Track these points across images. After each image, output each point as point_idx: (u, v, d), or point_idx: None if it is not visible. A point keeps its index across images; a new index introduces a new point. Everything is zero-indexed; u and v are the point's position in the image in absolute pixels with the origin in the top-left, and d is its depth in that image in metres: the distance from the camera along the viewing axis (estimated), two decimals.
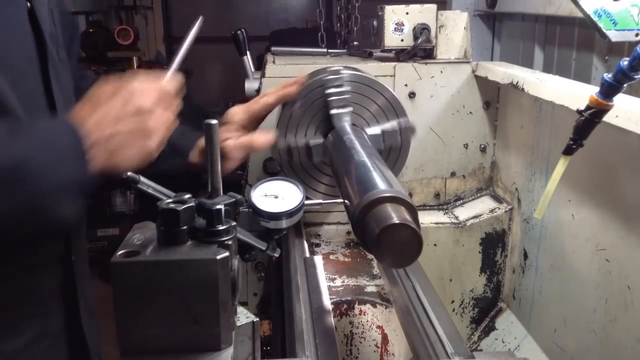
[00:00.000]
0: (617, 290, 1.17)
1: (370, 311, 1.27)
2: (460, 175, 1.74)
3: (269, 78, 1.59)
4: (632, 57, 0.83)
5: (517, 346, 1.58)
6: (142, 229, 0.78)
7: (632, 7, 0.91)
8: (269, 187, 1.30)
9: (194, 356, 0.72)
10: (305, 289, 1.20)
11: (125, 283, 0.70)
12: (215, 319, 0.72)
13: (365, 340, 1.27)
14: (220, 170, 0.80)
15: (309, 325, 1.06)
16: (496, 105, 1.69)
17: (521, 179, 1.60)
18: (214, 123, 0.77)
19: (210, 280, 0.70)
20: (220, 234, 0.74)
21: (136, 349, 0.72)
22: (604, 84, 0.88)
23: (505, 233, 1.69)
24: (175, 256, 0.71)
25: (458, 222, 1.67)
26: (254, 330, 0.91)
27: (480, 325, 1.76)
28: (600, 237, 1.23)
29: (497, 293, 1.75)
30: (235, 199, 0.83)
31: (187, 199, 0.75)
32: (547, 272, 1.48)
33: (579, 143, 0.94)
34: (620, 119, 1.01)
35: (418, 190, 1.74)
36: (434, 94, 1.65)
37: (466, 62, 1.66)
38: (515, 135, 1.62)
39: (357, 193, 0.97)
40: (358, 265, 1.49)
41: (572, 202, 1.33)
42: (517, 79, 1.43)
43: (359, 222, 0.90)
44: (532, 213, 1.55)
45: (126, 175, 0.90)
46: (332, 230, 1.69)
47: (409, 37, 1.62)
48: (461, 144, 1.71)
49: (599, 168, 1.22)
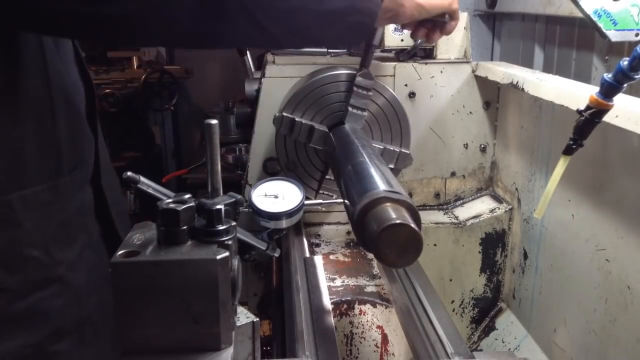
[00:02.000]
0: (617, 290, 1.17)
1: (370, 311, 1.27)
2: (460, 175, 1.74)
3: (269, 78, 1.59)
4: (632, 57, 0.83)
5: (517, 346, 1.58)
6: (142, 229, 0.78)
7: (632, 7, 0.91)
8: (269, 187, 1.31)
9: (194, 356, 0.72)
10: (305, 289, 1.20)
11: (125, 283, 0.70)
12: (215, 319, 0.72)
13: (365, 340, 1.27)
14: (219, 170, 0.80)
15: (309, 325, 1.06)
16: (496, 105, 1.69)
17: (521, 179, 1.60)
18: (214, 123, 0.77)
19: (210, 280, 0.70)
20: (220, 234, 0.74)
21: (136, 349, 0.72)
22: (604, 84, 0.88)
23: (505, 233, 1.69)
24: (175, 256, 0.71)
25: (458, 222, 1.67)
26: (254, 330, 0.91)
27: (480, 325, 1.76)
28: (600, 237, 1.23)
29: (497, 293, 1.75)
30: (235, 199, 0.83)
31: (187, 199, 0.75)
32: (547, 272, 1.48)
33: (579, 143, 0.94)
34: (620, 119, 1.01)
35: (418, 190, 1.74)
36: (434, 94, 1.65)
37: (466, 62, 1.66)
38: (515, 135, 1.62)
39: (357, 193, 0.97)
40: (358, 265, 1.50)
41: (572, 202, 1.33)
42: (517, 78, 1.43)
43: (359, 222, 0.90)
44: (532, 213, 1.55)
45: (126, 175, 0.90)
46: (332, 230, 1.69)
47: (409, 37, 1.62)
48: (461, 144, 1.71)
49: (599, 168, 1.22)
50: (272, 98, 1.56)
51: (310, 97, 1.41)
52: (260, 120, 1.60)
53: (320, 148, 1.42)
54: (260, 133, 1.61)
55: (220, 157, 0.79)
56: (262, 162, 1.64)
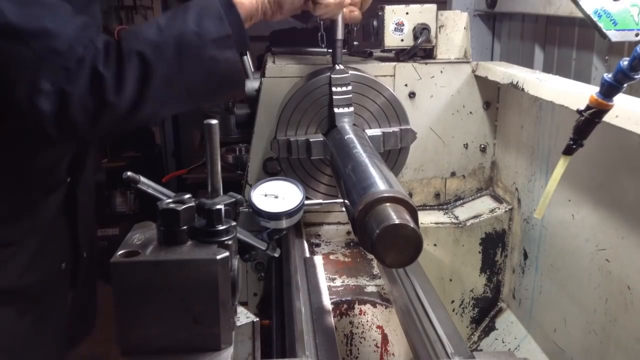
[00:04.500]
0: (617, 290, 1.17)
1: (370, 311, 1.27)
2: (460, 175, 1.74)
3: (269, 78, 1.59)
4: (632, 57, 0.82)
5: (517, 346, 1.58)
6: (142, 229, 0.78)
7: (632, 7, 0.91)
8: (269, 187, 1.31)
9: (194, 356, 0.72)
10: (305, 289, 1.20)
11: (125, 283, 0.70)
12: (215, 319, 0.72)
13: (365, 340, 1.27)
14: (219, 170, 0.80)
15: (309, 325, 1.06)
16: (496, 105, 1.69)
17: (521, 179, 1.60)
18: (214, 123, 0.77)
19: (210, 280, 0.70)
20: (220, 234, 0.74)
21: (136, 349, 0.72)
22: (604, 84, 0.88)
23: (505, 233, 1.69)
24: (175, 256, 0.71)
25: (458, 222, 1.67)
26: (254, 330, 0.91)
27: (480, 325, 1.76)
28: (600, 237, 1.23)
29: (497, 293, 1.75)
30: (235, 199, 0.83)
31: (187, 199, 0.75)
32: (547, 272, 1.48)
33: (579, 143, 0.94)
34: (620, 119, 1.01)
35: (418, 190, 1.74)
36: (434, 94, 1.65)
37: (466, 62, 1.66)
38: (515, 135, 1.62)
39: (357, 193, 0.97)
40: (358, 265, 1.49)
41: (572, 202, 1.33)
42: (517, 78, 1.43)
43: (359, 222, 0.90)
44: (532, 213, 1.54)
45: (126, 175, 0.90)
46: (332, 230, 1.69)
47: (409, 37, 1.62)
48: (461, 144, 1.71)
49: (599, 168, 1.22)
50: (272, 98, 1.56)
51: (298, 111, 1.43)
52: (260, 120, 1.60)
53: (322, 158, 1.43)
54: (260, 133, 1.61)
55: (220, 157, 0.79)
56: (262, 162, 1.64)
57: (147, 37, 1.03)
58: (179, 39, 1.04)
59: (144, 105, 1.02)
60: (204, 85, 1.10)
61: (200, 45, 1.05)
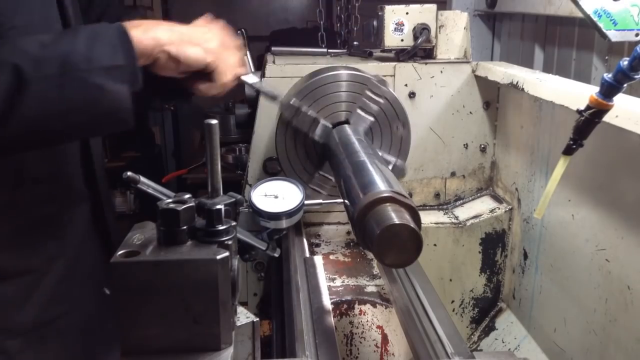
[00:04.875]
0: (617, 290, 1.17)
1: (370, 311, 1.27)
2: (460, 175, 1.74)
3: (269, 78, 1.59)
4: (632, 57, 0.82)
5: (517, 346, 1.58)
6: (142, 229, 0.78)
7: (632, 7, 0.91)
8: (269, 187, 1.31)
9: (194, 356, 0.72)
10: (305, 289, 1.20)
11: (125, 283, 0.70)
12: (215, 319, 0.72)
13: (365, 340, 1.27)
14: (219, 170, 0.80)
15: (309, 325, 1.06)
16: (496, 105, 1.69)
17: (521, 179, 1.60)
18: (214, 123, 0.77)
19: (210, 280, 0.70)
20: (220, 234, 0.74)
21: (136, 349, 0.72)
22: (604, 84, 0.88)
23: (505, 233, 1.69)
24: (175, 256, 0.71)
25: (458, 222, 1.67)
26: (254, 330, 0.91)
27: (480, 325, 1.76)
28: (600, 237, 1.23)
29: (497, 293, 1.75)
30: (235, 199, 0.83)
31: (187, 199, 0.75)
32: (547, 272, 1.48)
33: (579, 143, 0.94)
34: (620, 119, 1.01)
35: (418, 190, 1.74)
36: (434, 94, 1.65)
37: (466, 62, 1.66)
38: (515, 135, 1.62)
39: (357, 193, 0.97)
40: (358, 265, 1.49)
41: (572, 202, 1.33)
42: (517, 78, 1.43)
43: (359, 222, 0.90)
44: (532, 213, 1.55)
45: (126, 175, 0.90)
46: (332, 230, 1.69)
47: (409, 37, 1.62)
48: (461, 144, 1.71)
49: (599, 168, 1.22)
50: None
51: (319, 92, 1.39)
52: (260, 120, 1.60)
53: (320, 142, 1.40)
54: (260, 133, 1.61)
55: (220, 157, 0.79)
56: (262, 162, 1.64)
57: (27, 50, 0.92)
58: (64, 57, 0.93)
59: (13, 121, 0.90)
60: (86, 114, 0.96)
61: (88, 69, 0.93)
